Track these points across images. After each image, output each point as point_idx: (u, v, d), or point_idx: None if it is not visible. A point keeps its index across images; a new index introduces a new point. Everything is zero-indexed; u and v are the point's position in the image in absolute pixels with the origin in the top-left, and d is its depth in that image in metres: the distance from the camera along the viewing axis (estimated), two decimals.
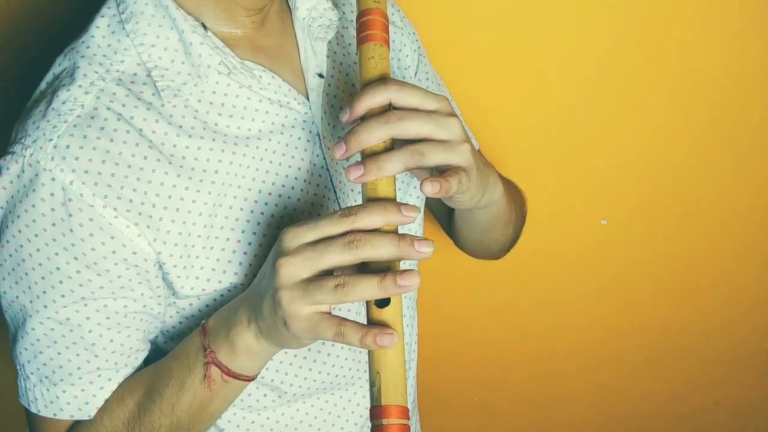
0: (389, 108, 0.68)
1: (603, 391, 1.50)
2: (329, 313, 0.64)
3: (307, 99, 0.80)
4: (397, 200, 0.67)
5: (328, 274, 0.64)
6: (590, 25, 1.13)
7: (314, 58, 0.81)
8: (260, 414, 0.85)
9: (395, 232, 0.64)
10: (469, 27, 1.12)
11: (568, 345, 1.44)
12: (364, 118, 0.67)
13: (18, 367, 0.77)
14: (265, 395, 0.83)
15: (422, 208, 0.94)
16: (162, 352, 0.79)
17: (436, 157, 0.66)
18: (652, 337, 1.44)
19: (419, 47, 0.96)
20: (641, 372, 1.48)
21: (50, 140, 0.68)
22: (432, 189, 0.64)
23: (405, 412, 0.62)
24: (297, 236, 0.64)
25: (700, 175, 1.28)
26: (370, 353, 0.64)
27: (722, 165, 1.27)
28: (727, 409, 1.52)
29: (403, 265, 0.84)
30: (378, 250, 0.62)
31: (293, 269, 0.63)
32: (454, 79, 1.08)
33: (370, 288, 0.61)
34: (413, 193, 0.90)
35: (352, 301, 0.61)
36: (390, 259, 0.63)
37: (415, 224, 0.90)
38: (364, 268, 0.65)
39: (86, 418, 0.77)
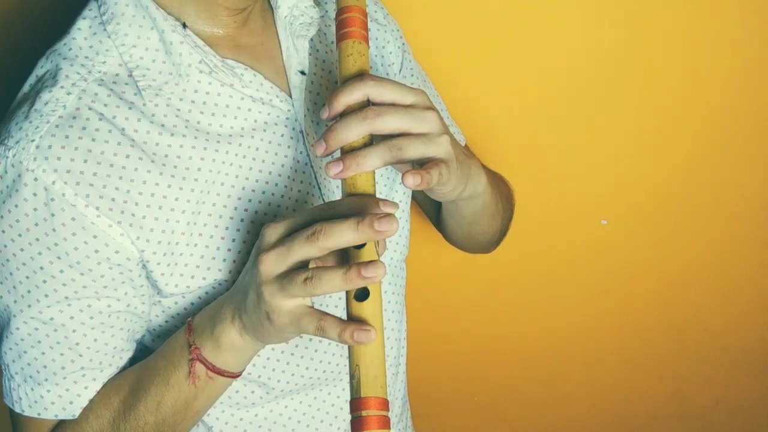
0: (368, 104, 0.68)
1: (603, 391, 1.49)
2: (312, 307, 0.64)
3: (290, 96, 0.80)
4: (380, 195, 0.67)
5: (304, 267, 0.64)
6: (589, 20, 1.13)
7: (296, 55, 0.81)
8: (248, 411, 0.84)
9: (355, 217, 0.63)
10: (462, 22, 1.12)
11: (567, 345, 1.43)
12: (343, 115, 0.67)
13: (3, 367, 0.78)
14: (252, 392, 0.83)
15: (408, 203, 0.94)
16: (149, 351, 0.79)
17: (414, 150, 0.67)
18: (652, 337, 1.43)
19: (403, 44, 0.96)
20: (641, 372, 1.47)
21: (32, 141, 0.69)
22: (413, 181, 0.65)
23: (384, 404, 0.62)
24: (276, 231, 0.65)
25: (700, 174, 1.28)
26: (349, 346, 0.64)
27: (722, 165, 1.27)
28: (727, 409, 1.51)
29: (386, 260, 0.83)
30: (338, 239, 0.62)
31: (270, 264, 0.64)
32: (447, 77, 1.08)
33: (335, 281, 0.61)
34: (399, 189, 0.90)
35: (323, 294, 0.62)
36: (352, 243, 0.62)
37: (402, 219, 0.90)
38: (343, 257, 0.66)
39: (70, 417, 0.77)
